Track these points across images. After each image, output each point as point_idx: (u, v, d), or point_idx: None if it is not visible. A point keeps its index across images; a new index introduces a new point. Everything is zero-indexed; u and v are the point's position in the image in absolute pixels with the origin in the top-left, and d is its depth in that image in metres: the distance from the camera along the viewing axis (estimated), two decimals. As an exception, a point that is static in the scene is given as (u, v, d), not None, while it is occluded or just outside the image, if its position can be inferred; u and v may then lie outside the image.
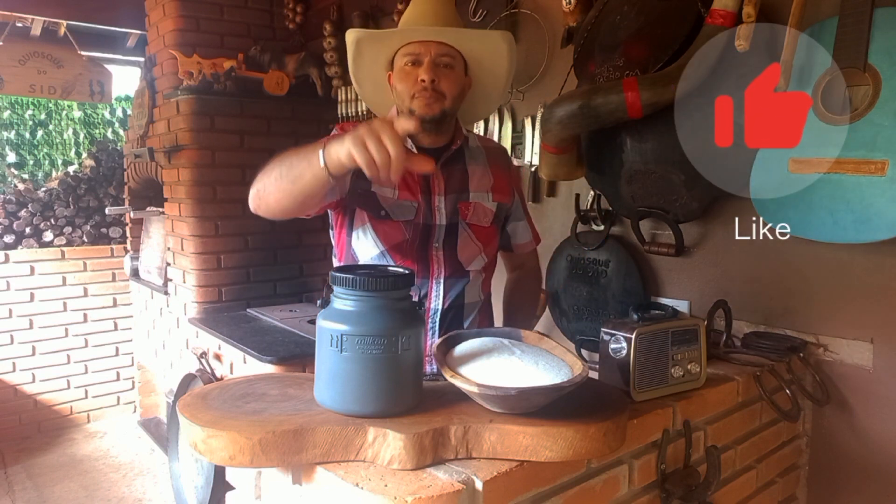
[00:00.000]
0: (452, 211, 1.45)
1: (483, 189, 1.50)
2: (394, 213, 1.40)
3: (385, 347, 0.89)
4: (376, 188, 1.38)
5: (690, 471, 1.16)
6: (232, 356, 2.74)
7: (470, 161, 1.50)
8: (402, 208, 1.40)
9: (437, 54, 1.35)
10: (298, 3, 3.28)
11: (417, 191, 1.42)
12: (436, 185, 1.44)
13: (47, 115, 6.37)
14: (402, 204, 1.40)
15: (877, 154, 1.32)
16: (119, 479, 3.44)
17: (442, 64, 1.36)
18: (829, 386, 1.52)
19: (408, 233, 1.41)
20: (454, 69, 1.38)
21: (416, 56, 1.35)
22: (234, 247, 3.22)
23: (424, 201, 1.43)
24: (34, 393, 3.99)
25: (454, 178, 1.47)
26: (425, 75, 1.33)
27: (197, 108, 3.08)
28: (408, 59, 1.36)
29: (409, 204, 1.41)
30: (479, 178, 1.50)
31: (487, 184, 1.51)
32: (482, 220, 1.50)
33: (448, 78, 1.36)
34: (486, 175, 1.52)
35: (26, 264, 3.90)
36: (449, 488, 0.80)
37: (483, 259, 1.52)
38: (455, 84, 1.38)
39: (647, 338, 1.13)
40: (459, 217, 1.46)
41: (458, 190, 1.47)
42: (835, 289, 1.52)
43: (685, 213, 1.72)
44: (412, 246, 1.42)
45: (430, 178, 1.43)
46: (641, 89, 1.55)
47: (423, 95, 1.34)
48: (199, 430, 0.86)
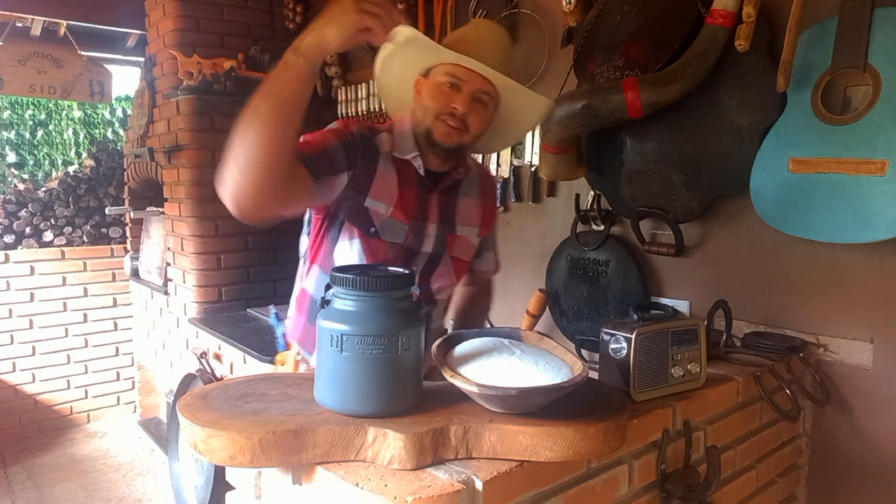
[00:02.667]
0: (440, 241, 1.43)
1: (471, 223, 1.49)
2: (383, 233, 1.35)
3: (385, 347, 0.89)
4: (370, 203, 1.34)
5: (690, 471, 1.16)
6: (232, 356, 2.74)
7: (465, 193, 1.48)
8: (393, 228, 1.36)
9: (479, 89, 1.29)
10: (298, 3, 3.27)
11: (413, 214, 1.38)
12: (431, 212, 1.41)
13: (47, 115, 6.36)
14: (392, 223, 1.36)
15: (877, 154, 1.32)
16: (119, 479, 3.44)
17: (479, 100, 1.31)
18: (829, 386, 1.52)
19: (392, 252, 1.37)
20: (487, 108, 1.33)
21: (458, 81, 1.29)
22: (234, 247, 3.22)
23: (416, 227, 1.39)
24: (34, 393, 3.99)
25: (448, 208, 1.44)
26: (460, 105, 1.28)
27: (197, 108, 3.08)
28: (448, 79, 1.29)
29: (400, 225, 1.37)
30: (469, 211, 1.48)
31: (476, 217, 1.50)
32: (464, 255, 1.49)
33: (479, 115, 1.32)
34: (476, 208, 1.50)
35: (26, 264, 3.90)
36: (449, 488, 0.80)
37: (450, 291, 1.53)
38: (483, 123, 1.34)
39: (647, 338, 1.13)
40: (445, 248, 1.44)
41: (448, 220, 1.45)
42: (835, 289, 1.52)
43: (685, 213, 1.72)
44: (393, 265, 1.39)
45: (427, 203, 1.40)
46: (641, 89, 1.55)
47: (449, 123, 1.29)
48: (199, 430, 0.86)
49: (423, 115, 1.33)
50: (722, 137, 1.60)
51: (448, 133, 1.30)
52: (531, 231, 2.32)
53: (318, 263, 1.42)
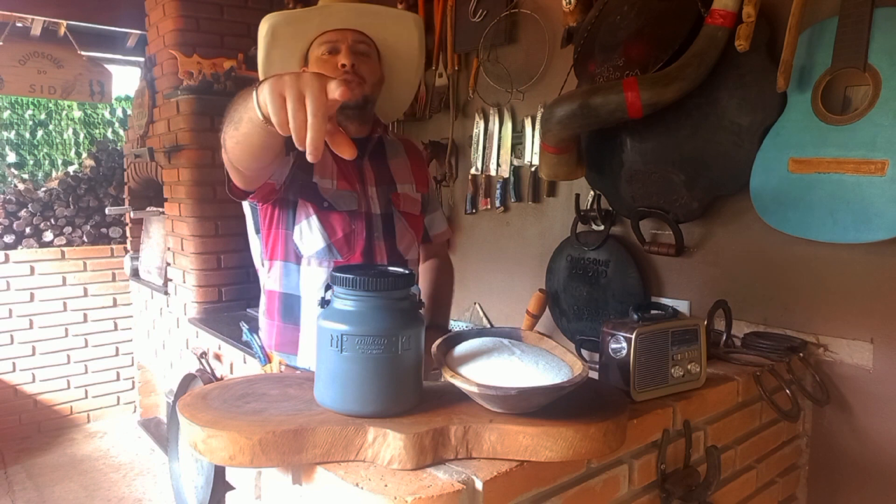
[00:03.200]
0: (386, 202, 1.47)
1: (407, 181, 1.54)
2: (336, 204, 1.39)
3: (385, 347, 0.89)
4: (317, 178, 1.39)
5: (690, 471, 1.16)
6: (232, 356, 2.74)
7: (391, 154, 1.54)
8: (344, 198, 1.41)
9: (354, 41, 1.38)
10: (298, 3, 3.27)
11: (355, 181, 1.43)
12: (367, 177, 1.46)
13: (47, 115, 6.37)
14: (342, 194, 1.40)
15: (877, 154, 1.32)
16: (119, 479, 3.44)
17: (359, 51, 1.38)
18: (829, 386, 1.52)
19: (353, 224, 1.41)
20: (370, 57, 1.41)
21: (333, 44, 1.37)
22: (234, 247, 3.22)
23: (361, 191, 1.43)
24: (34, 393, 3.99)
25: (381, 170, 1.50)
26: (345, 59, 1.35)
27: (197, 108, 3.08)
28: (325, 47, 1.37)
29: (350, 194, 1.41)
30: (401, 170, 1.54)
31: (409, 176, 1.56)
32: (413, 209, 1.54)
33: (366, 64, 1.39)
34: (406, 167, 1.56)
35: (26, 264, 3.90)
36: (449, 488, 0.80)
37: (416, 248, 1.58)
38: (373, 71, 1.41)
39: (647, 338, 1.13)
40: (393, 207, 1.49)
41: (387, 182, 1.49)
42: (835, 289, 1.52)
43: (685, 213, 1.72)
44: (359, 237, 1.42)
45: (362, 169, 1.45)
46: (641, 89, 1.55)
47: (344, 80, 1.31)
48: (199, 430, 0.86)
49: None
50: (722, 137, 1.60)
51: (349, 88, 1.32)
52: (531, 231, 2.32)
53: (280, 258, 1.44)
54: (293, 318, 1.45)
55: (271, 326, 1.47)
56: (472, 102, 2.49)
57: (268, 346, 1.50)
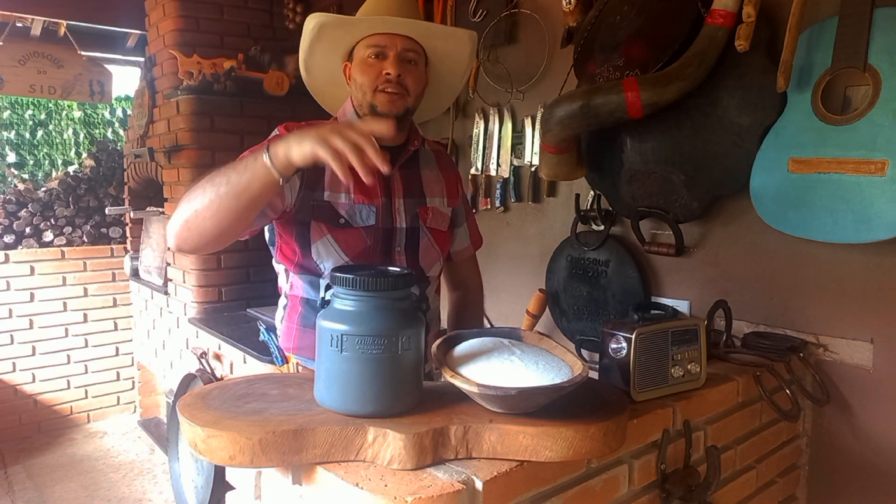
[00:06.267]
0: (413, 215, 1.41)
1: (438, 194, 1.48)
2: (353, 220, 1.34)
3: (385, 347, 0.89)
4: (329, 196, 1.33)
5: (690, 471, 1.16)
6: (232, 356, 2.74)
7: (424, 166, 1.47)
8: (361, 213, 1.35)
9: (404, 49, 1.30)
10: (298, 3, 3.27)
11: (375, 194, 1.37)
12: (395, 188, 1.40)
13: (47, 115, 6.37)
14: (359, 208, 1.35)
15: (877, 154, 1.32)
16: (119, 479, 3.44)
17: (407, 59, 1.31)
18: (829, 386, 1.52)
19: (369, 239, 1.35)
20: (418, 66, 1.34)
21: (381, 49, 1.30)
22: (234, 247, 3.18)
23: (384, 204, 1.37)
24: (34, 393, 3.99)
25: (411, 182, 1.43)
26: (392, 69, 1.28)
27: (197, 108, 3.08)
28: (372, 50, 1.30)
29: (367, 208, 1.35)
30: (433, 183, 1.47)
31: (441, 189, 1.49)
32: (441, 225, 1.47)
33: (412, 74, 1.32)
34: (438, 180, 1.49)
35: (26, 264, 3.90)
36: (449, 488, 0.80)
37: (440, 265, 1.51)
38: (419, 81, 1.34)
39: (647, 338, 1.13)
40: (420, 221, 1.43)
41: (415, 194, 1.43)
42: (835, 289, 1.52)
43: (685, 213, 1.72)
44: (375, 252, 1.37)
45: (389, 181, 1.39)
46: (641, 89, 1.55)
47: (388, 91, 1.28)
48: (199, 430, 0.86)
49: (362, 94, 1.32)
50: (722, 137, 1.60)
51: (391, 100, 1.30)
52: (531, 231, 2.32)
53: (302, 273, 1.40)
54: (313, 324, 1.43)
55: (290, 330, 1.44)
56: (472, 102, 2.49)
57: (286, 349, 1.48)
